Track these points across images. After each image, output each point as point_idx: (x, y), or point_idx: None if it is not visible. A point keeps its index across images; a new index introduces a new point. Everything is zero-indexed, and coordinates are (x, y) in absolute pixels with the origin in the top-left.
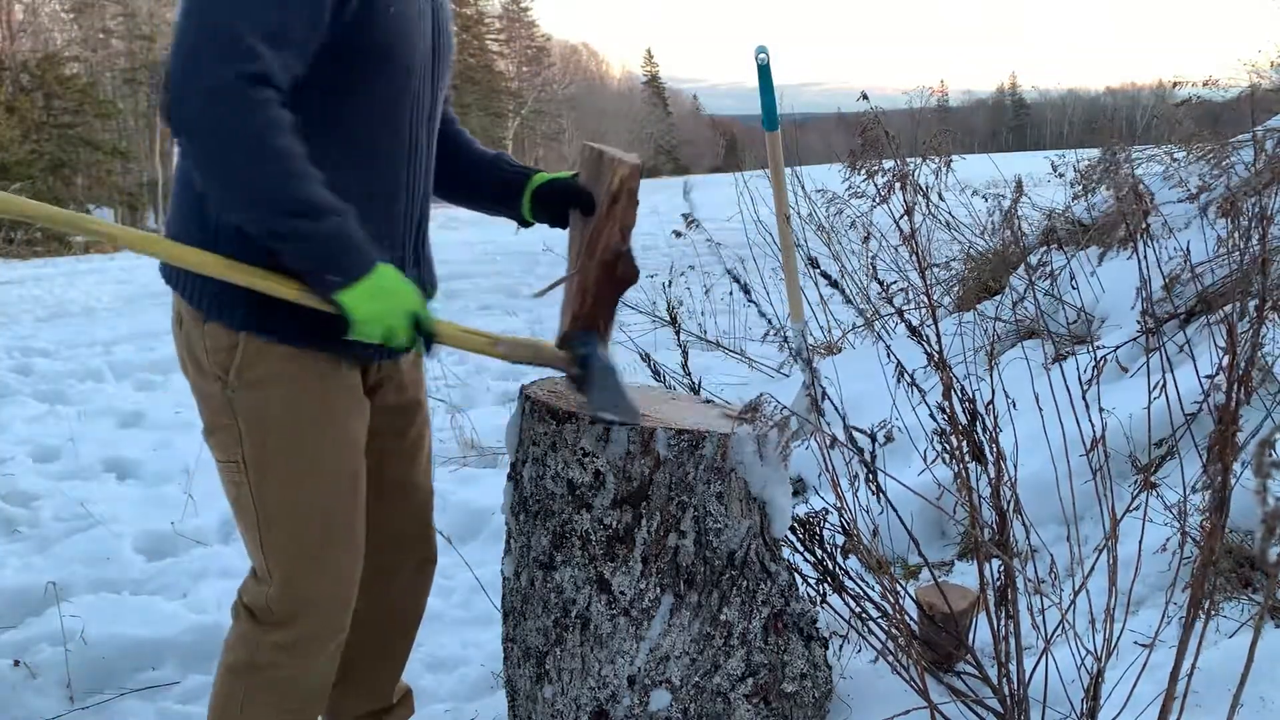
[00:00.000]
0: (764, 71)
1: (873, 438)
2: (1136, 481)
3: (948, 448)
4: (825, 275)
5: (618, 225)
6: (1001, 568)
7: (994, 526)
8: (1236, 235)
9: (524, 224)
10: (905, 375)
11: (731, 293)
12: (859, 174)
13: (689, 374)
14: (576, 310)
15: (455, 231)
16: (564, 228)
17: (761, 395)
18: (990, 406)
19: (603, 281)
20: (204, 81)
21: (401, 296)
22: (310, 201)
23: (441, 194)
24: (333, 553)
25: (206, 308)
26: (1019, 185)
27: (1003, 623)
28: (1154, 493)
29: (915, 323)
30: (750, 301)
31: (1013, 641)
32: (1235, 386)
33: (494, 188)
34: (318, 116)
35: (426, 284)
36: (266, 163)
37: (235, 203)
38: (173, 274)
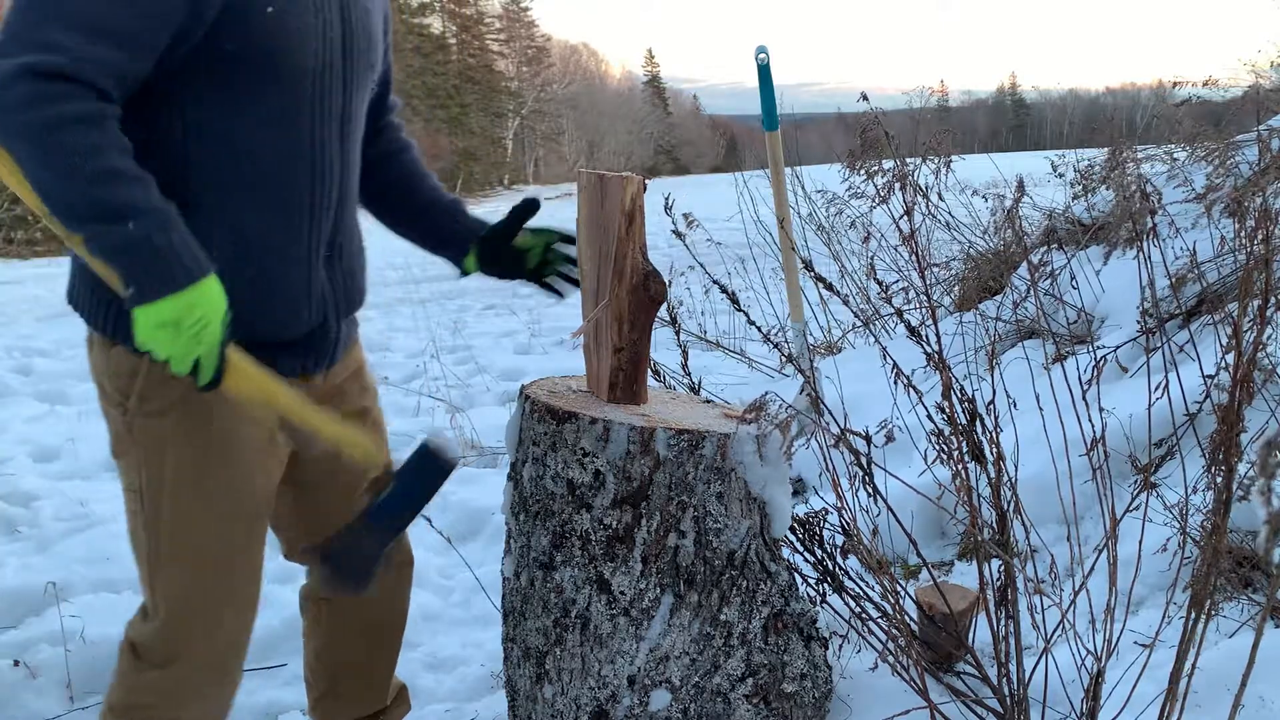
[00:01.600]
0: (764, 72)
1: (868, 439)
2: (1137, 481)
3: (946, 448)
4: (819, 278)
5: (637, 244)
6: (1001, 568)
7: (993, 526)
8: (1243, 234)
9: (463, 273)
10: (902, 376)
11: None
12: (858, 174)
13: (689, 374)
14: (617, 342)
15: None
16: (513, 277)
17: (766, 394)
18: (991, 406)
19: (636, 306)
20: (18, 65)
21: (198, 332)
22: (105, 203)
23: (385, 223)
24: (215, 602)
25: (111, 331)
26: (1020, 184)
27: (1002, 623)
28: (1154, 493)
29: (915, 323)
30: (740, 310)
31: (1012, 641)
32: (1238, 387)
33: (442, 234)
34: (200, 132)
35: (344, 299)
36: (52, 161)
37: (41, 207)
38: (76, 296)
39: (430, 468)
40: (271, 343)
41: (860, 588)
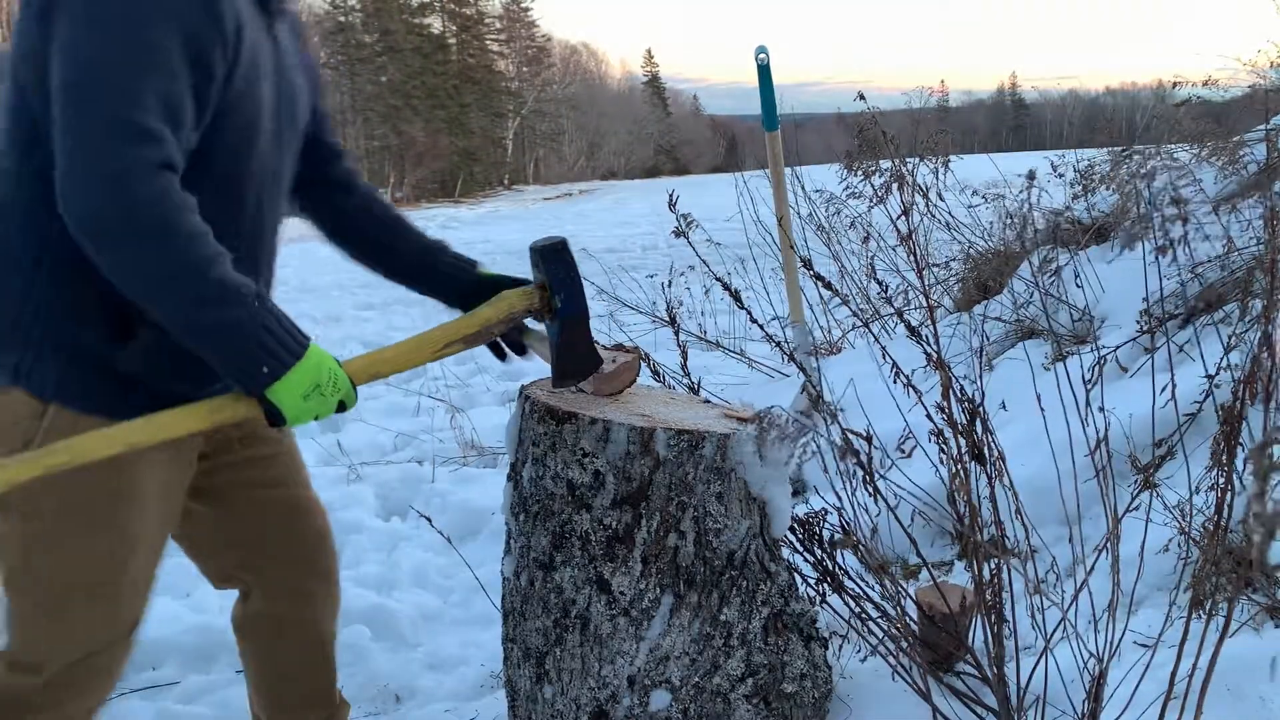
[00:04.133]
0: (764, 72)
1: (869, 439)
2: (1136, 482)
3: (945, 448)
4: (818, 277)
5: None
6: (996, 569)
7: (978, 526)
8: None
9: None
10: (902, 376)
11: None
12: (856, 174)
13: (688, 374)
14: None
15: (454, 231)
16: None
17: (771, 408)
18: (981, 408)
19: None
20: (107, 166)
21: (336, 382)
22: (232, 286)
23: (379, 271)
24: (76, 612)
25: (12, 372)
26: (1031, 175)
27: (992, 623)
28: (1155, 493)
29: (914, 323)
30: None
31: (1006, 643)
32: (1242, 388)
33: (425, 275)
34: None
35: None
36: (181, 249)
37: (155, 295)
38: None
39: (559, 258)
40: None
41: (860, 588)
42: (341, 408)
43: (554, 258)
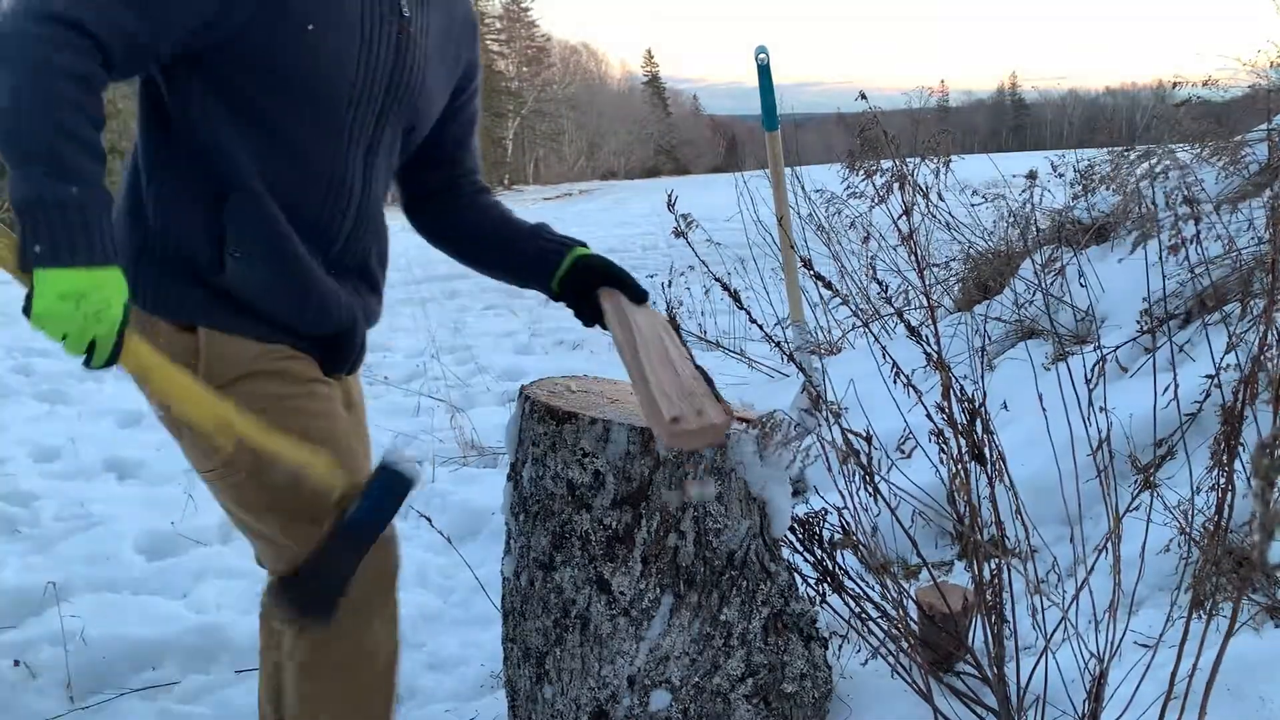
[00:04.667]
0: (764, 72)
1: (869, 439)
2: (1136, 482)
3: (945, 448)
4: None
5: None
6: (995, 569)
7: (978, 526)
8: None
9: (554, 297)
10: (902, 376)
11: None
12: (857, 174)
13: None
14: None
15: None
16: (586, 322)
17: (774, 412)
18: (983, 408)
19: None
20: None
21: (100, 311)
22: (61, 158)
23: (471, 264)
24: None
25: (153, 302)
26: (1033, 174)
27: (992, 624)
28: (1155, 493)
29: (915, 323)
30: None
31: (1006, 644)
32: (1243, 388)
33: (527, 257)
34: (235, 128)
35: (364, 310)
36: (30, 96)
37: (13, 115)
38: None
39: (393, 485)
40: (307, 337)
41: (860, 588)
42: (90, 352)
43: (391, 481)
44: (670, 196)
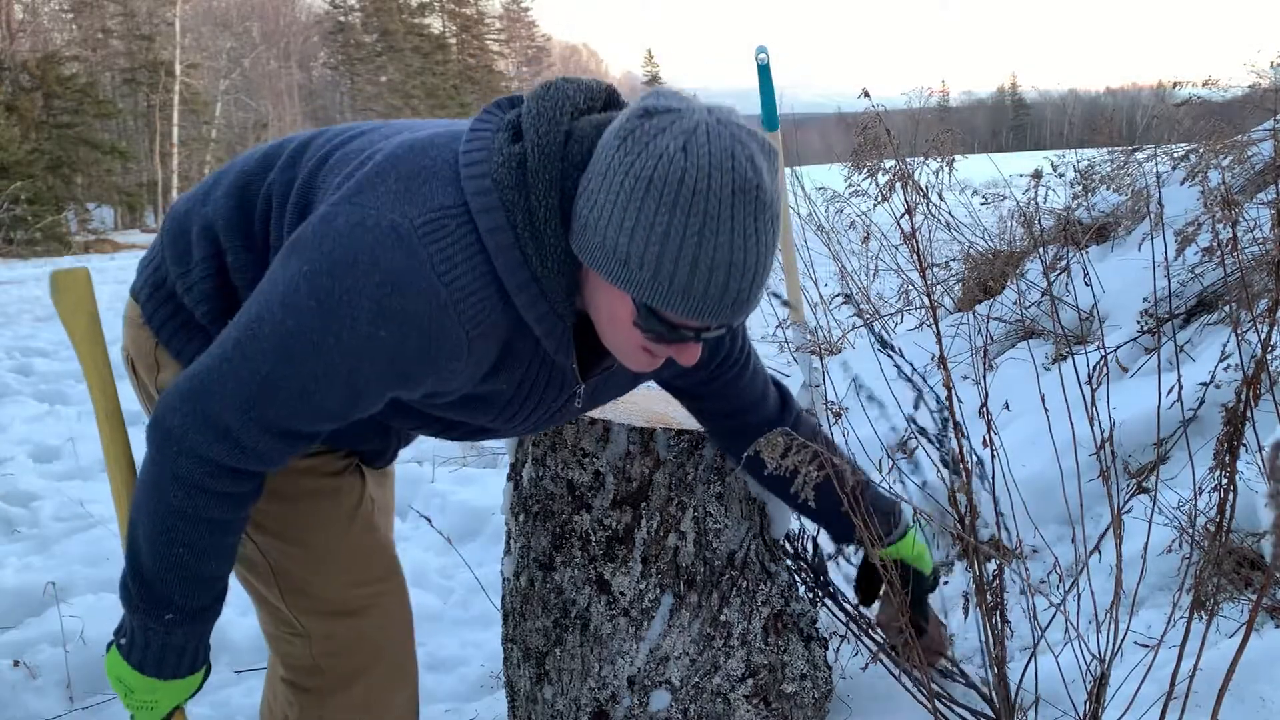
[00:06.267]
0: (764, 72)
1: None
2: (1130, 486)
3: (945, 450)
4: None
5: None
6: (996, 570)
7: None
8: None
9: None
10: (903, 375)
11: None
12: (860, 173)
13: None
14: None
15: None
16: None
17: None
18: (984, 409)
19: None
20: (187, 439)
21: (147, 708)
22: (167, 593)
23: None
24: (369, 585)
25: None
26: (1037, 174)
27: (992, 624)
28: (1150, 495)
29: (914, 323)
30: None
31: (1001, 645)
32: (1245, 388)
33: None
34: None
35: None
36: (161, 539)
37: (136, 514)
38: (153, 313)
39: None
40: (361, 454)
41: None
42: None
43: None
44: None
